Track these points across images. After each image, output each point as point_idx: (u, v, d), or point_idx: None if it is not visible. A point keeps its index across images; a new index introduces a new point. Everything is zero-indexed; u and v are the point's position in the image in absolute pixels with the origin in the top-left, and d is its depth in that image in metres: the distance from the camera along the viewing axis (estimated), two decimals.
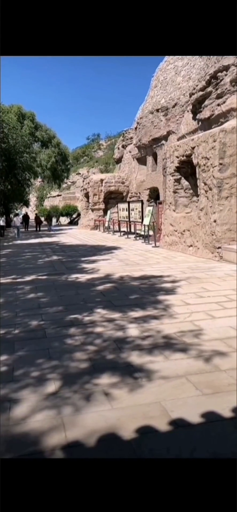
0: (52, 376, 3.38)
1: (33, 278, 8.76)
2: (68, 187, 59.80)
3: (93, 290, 7.11)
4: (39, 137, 36.94)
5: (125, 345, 4.10)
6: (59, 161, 38.60)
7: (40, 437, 2.45)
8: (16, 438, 2.47)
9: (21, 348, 4.12)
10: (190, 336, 4.26)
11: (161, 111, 21.05)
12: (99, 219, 28.08)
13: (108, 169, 46.80)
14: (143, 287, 7.09)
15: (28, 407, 2.85)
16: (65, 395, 3.04)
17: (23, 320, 5.26)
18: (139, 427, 2.51)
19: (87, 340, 4.31)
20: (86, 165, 62.38)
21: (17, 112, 33.73)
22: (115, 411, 2.75)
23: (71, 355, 3.87)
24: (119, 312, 5.40)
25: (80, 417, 2.69)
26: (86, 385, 3.20)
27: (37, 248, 16.93)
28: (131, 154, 27.33)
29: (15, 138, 27.01)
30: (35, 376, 3.40)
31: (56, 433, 2.49)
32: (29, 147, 30.75)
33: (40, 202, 65.70)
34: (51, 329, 4.75)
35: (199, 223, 11.13)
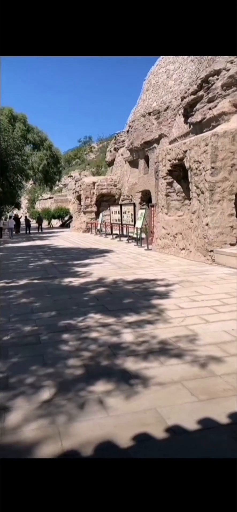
0: (47, 383, 3.34)
1: (25, 282, 8.70)
2: (60, 190, 59.59)
3: (86, 294, 7.08)
4: (31, 140, 36.79)
5: (119, 350, 4.08)
6: (51, 164, 38.45)
7: (36, 446, 2.42)
8: (11, 447, 2.43)
9: (15, 355, 4.07)
10: (184, 341, 4.26)
11: (153, 114, 21.12)
12: (91, 221, 28.05)
13: (100, 171, 46.78)
14: (136, 291, 7.08)
15: (23, 415, 2.82)
16: (60, 402, 3.01)
17: (16, 325, 5.21)
18: (136, 434, 2.50)
19: (82, 346, 4.28)
20: (78, 167, 62.27)
21: (8, 114, 33.55)
22: (111, 419, 2.73)
23: (65, 361, 3.84)
24: (113, 316, 5.38)
25: (75, 425, 2.67)
26: (81, 392, 3.18)
27: (29, 252, 16.84)
28: (123, 157, 27.38)
29: (7, 141, 26.86)
30: (29, 383, 3.37)
31: (52, 442, 2.46)
32: (20, 149, 30.57)
33: (31, 204, 65.43)
34: (45, 335, 4.71)
35: (191, 226, 11.18)
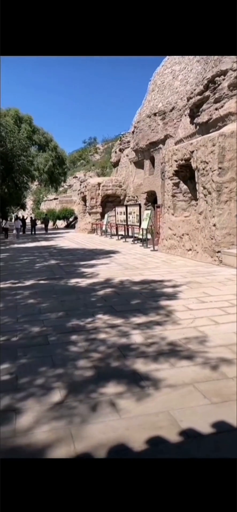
0: (57, 385, 3.32)
1: (32, 283, 8.69)
2: (65, 191, 59.76)
3: (93, 295, 7.06)
4: (37, 141, 36.95)
5: (129, 352, 4.05)
6: (56, 165, 38.60)
7: (48, 448, 2.40)
8: (23, 449, 2.41)
9: (24, 356, 4.06)
10: (195, 343, 4.22)
11: (159, 115, 21.09)
12: (96, 222, 28.05)
13: (105, 172, 46.82)
14: (144, 292, 7.05)
15: (34, 417, 2.80)
16: (71, 404, 2.99)
17: (24, 326, 5.19)
18: (149, 437, 2.46)
19: (91, 347, 4.26)
20: (83, 168, 62.40)
21: (14, 115, 33.74)
22: (124, 421, 2.70)
23: (75, 362, 3.82)
24: (121, 317, 5.35)
25: (88, 428, 2.64)
26: (92, 394, 3.15)
27: (34, 252, 16.85)
28: (128, 157, 27.36)
29: (13, 142, 26.98)
30: (39, 384, 3.34)
31: (65, 445, 2.43)
32: (26, 150, 30.71)
33: (36, 205, 65.64)
34: (54, 336, 4.70)
35: (198, 227, 11.12)
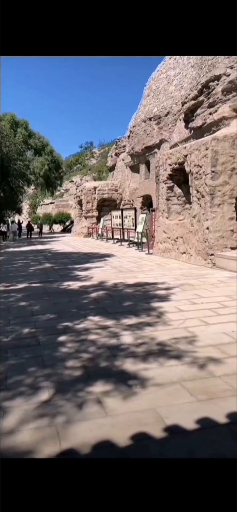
0: (46, 384, 3.33)
1: (25, 286, 8.70)
2: (61, 195, 59.74)
3: (86, 297, 7.08)
4: (33, 145, 36.96)
5: (119, 352, 4.07)
6: (53, 169, 38.62)
7: (35, 445, 2.41)
8: (10, 447, 2.42)
9: (14, 356, 4.07)
10: (184, 343, 4.25)
11: (154, 119, 21.21)
12: (92, 226, 28.09)
13: (102, 177, 46.90)
14: (136, 294, 7.08)
15: (22, 415, 2.81)
16: (58, 403, 3.00)
17: (16, 327, 5.20)
18: (134, 434, 2.48)
19: (81, 347, 4.28)
20: (79, 173, 62.47)
21: (10, 120, 33.74)
22: (110, 419, 2.72)
23: (64, 363, 3.84)
24: (113, 319, 5.37)
25: (74, 426, 2.65)
26: (80, 392, 3.17)
27: (29, 256, 16.84)
28: (124, 162, 27.47)
29: (8, 146, 26.97)
30: (28, 384, 3.36)
31: (51, 442, 2.44)
32: (22, 154, 30.72)
33: (33, 209, 65.53)
34: (44, 337, 4.71)
35: (192, 230, 11.18)
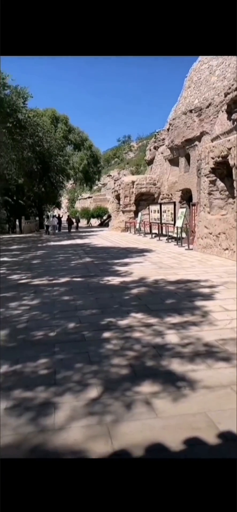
0: (93, 382, 3.37)
1: (67, 280, 8.84)
2: (99, 189, 60.30)
3: (128, 293, 7.08)
4: (72, 140, 37.57)
5: (164, 352, 4.03)
6: (91, 164, 39.07)
7: (87, 444, 2.44)
8: (62, 444, 2.47)
9: (61, 351, 4.15)
10: (232, 344, 4.13)
11: (195, 111, 20.73)
12: (130, 221, 28.06)
13: (139, 170, 46.73)
14: (179, 291, 6.97)
15: (72, 412, 2.86)
16: (107, 401, 3.02)
17: (61, 322, 5.31)
18: (186, 438, 2.45)
19: (125, 345, 4.28)
20: (117, 167, 62.65)
21: (51, 115, 34.48)
22: (160, 420, 2.69)
23: (110, 360, 3.86)
24: (156, 317, 5.33)
25: (124, 425, 2.66)
26: (127, 392, 3.17)
27: (69, 250, 17.11)
28: (163, 155, 27.14)
29: (49, 141, 27.58)
30: (76, 380, 3.41)
31: (102, 441, 2.47)
32: (62, 150, 31.34)
33: (71, 204, 66.75)
34: (89, 332, 4.76)
35: (235, 226, 10.84)
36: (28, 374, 3.59)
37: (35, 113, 27.65)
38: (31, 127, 24.35)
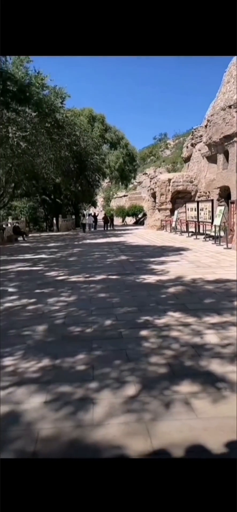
0: (131, 379, 3.36)
1: (103, 277, 8.90)
2: (134, 188, 60.29)
3: (164, 292, 7.01)
4: (109, 139, 37.82)
5: (203, 352, 3.94)
6: (127, 162, 39.14)
7: (125, 441, 2.43)
8: (101, 439, 2.48)
9: (99, 348, 4.17)
10: None
11: (234, 107, 20.13)
12: (166, 219, 27.77)
13: (176, 168, 46.21)
14: (218, 291, 6.80)
15: (110, 408, 2.86)
16: (145, 399, 3.00)
17: (98, 319, 5.34)
18: (228, 441, 2.37)
19: (163, 344, 4.23)
20: (153, 164, 62.34)
21: (88, 115, 34.89)
22: (200, 422, 2.63)
23: (148, 358, 3.83)
24: (194, 316, 5.23)
25: (163, 424, 2.63)
26: (166, 391, 3.13)
27: (105, 248, 17.22)
28: (200, 152, 26.62)
29: (86, 141, 27.92)
30: (114, 377, 3.41)
31: (141, 439, 2.45)
32: (99, 148, 31.61)
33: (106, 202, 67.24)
34: (126, 330, 4.76)
35: None
36: (67, 369, 3.65)
37: (72, 113, 28.10)
38: (68, 126, 24.77)
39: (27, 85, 17.39)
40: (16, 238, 23.95)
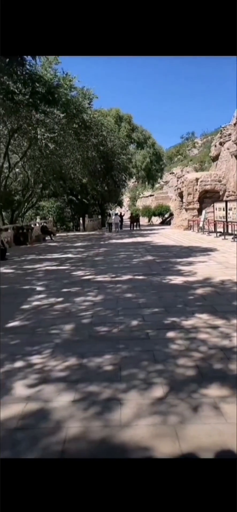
0: (159, 381, 3.33)
1: (129, 278, 8.89)
2: (161, 187, 59.90)
3: (192, 293, 6.91)
4: (135, 138, 37.81)
5: (233, 355, 3.86)
6: (154, 161, 38.99)
7: (154, 442, 2.42)
8: (129, 440, 2.47)
9: (126, 348, 4.17)
10: None
11: None
12: (193, 219, 27.43)
13: (204, 167, 45.52)
14: None
15: (138, 409, 2.85)
16: (173, 402, 2.97)
17: (125, 319, 5.34)
18: None
19: (191, 346, 4.17)
20: (180, 164, 61.71)
21: (115, 115, 35.02)
22: (230, 427, 2.58)
23: (176, 360, 3.78)
24: (222, 318, 5.13)
25: (191, 428, 2.59)
26: (194, 394, 3.08)
27: (131, 248, 17.19)
28: (229, 151, 26.08)
29: (113, 141, 28.02)
30: (141, 378, 3.40)
31: (169, 441, 2.42)
32: (125, 148, 31.63)
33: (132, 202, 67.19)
34: (153, 331, 4.73)
35: None
36: (94, 368, 3.67)
37: (100, 113, 28.27)
38: (95, 127, 24.95)
39: (56, 87, 17.64)
40: (44, 237, 24.40)
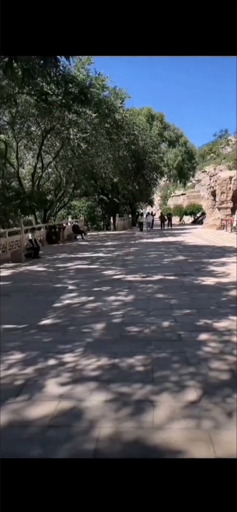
0: (192, 384, 3.27)
1: (161, 278, 8.81)
2: (193, 186, 59.04)
3: (225, 294, 6.75)
4: (167, 137, 37.50)
5: None
6: (186, 160, 38.51)
7: (187, 446, 2.38)
8: (163, 442, 2.44)
9: (157, 349, 4.13)
10: None
11: None
12: (226, 218, 26.80)
13: None
14: None
15: (171, 412, 2.81)
16: (206, 406, 2.90)
17: (156, 320, 5.29)
18: None
19: (225, 349, 4.07)
20: (213, 162, 60.51)
21: (147, 114, 34.89)
22: None
23: (209, 363, 3.70)
24: None
25: (226, 433, 2.52)
26: (228, 399, 3.00)
27: (161, 247, 17.05)
28: None
29: (144, 139, 27.92)
30: (174, 381, 3.35)
31: (204, 446, 2.37)
32: (157, 147, 31.44)
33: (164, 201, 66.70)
34: (185, 333, 4.66)
35: None
36: (126, 369, 3.66)
37: (131, 112, 28.25)
38: (127, 126, 24.97)
39: (88, 87, 17.80)
40: (75, 236, 24.72)
